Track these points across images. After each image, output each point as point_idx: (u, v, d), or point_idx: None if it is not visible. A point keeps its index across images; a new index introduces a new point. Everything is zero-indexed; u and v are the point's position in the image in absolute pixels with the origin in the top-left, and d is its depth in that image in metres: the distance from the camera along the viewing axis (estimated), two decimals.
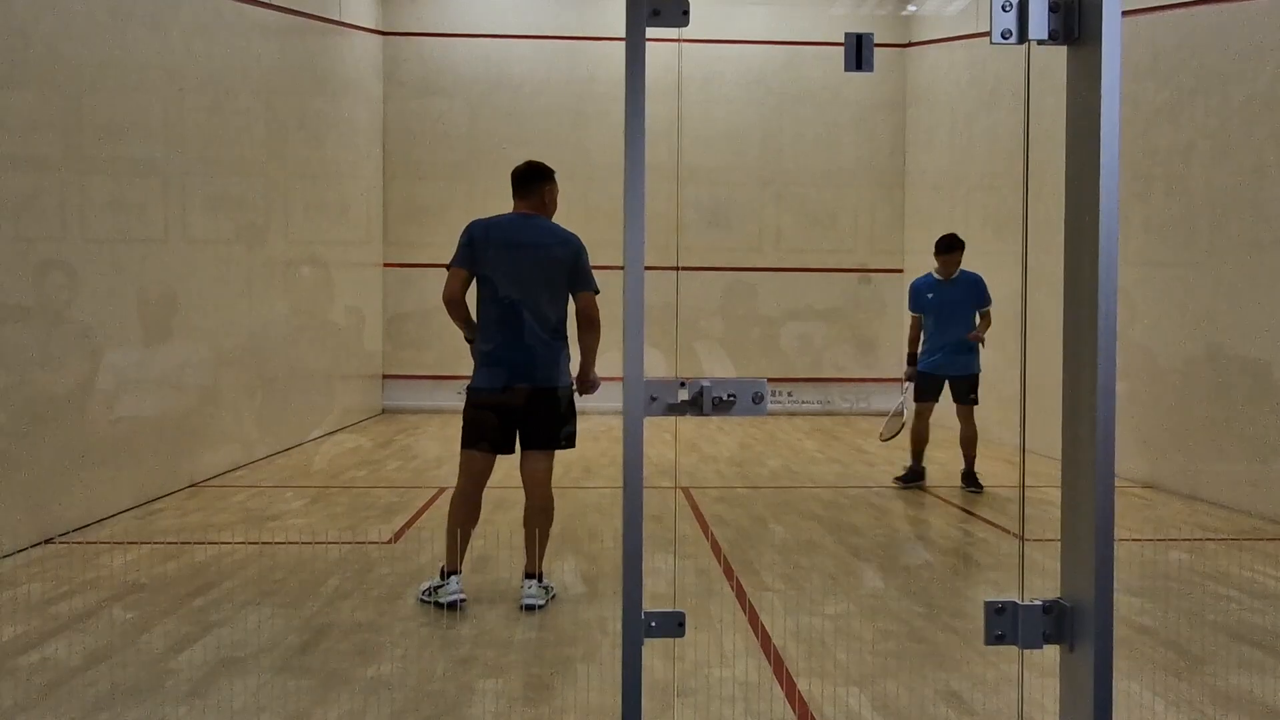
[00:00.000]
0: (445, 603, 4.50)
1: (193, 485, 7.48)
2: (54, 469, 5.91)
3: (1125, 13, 1.96)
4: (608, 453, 8.57)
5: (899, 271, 12.97)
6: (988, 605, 2.09)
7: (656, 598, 2.87)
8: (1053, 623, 2.07)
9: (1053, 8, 2.03)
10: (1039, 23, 2.04)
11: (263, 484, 7.74)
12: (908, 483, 7.76)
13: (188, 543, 5.79)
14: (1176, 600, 4.80)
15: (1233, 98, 7.25)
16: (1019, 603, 2.08)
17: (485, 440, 4.64)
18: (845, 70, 2.24)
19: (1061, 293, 2.08)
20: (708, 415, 2.10)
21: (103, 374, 6.44)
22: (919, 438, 7.73)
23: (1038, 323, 2.65)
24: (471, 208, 6.34)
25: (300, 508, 6.93)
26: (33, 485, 5.69)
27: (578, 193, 8.43)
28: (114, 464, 6.52)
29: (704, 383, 2.09)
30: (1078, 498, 2.05)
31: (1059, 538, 2.10)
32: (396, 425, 11.35)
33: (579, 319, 4.69)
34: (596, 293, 4.69)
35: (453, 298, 4.58)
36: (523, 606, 4.54)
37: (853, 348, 13.04)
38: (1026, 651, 2.11)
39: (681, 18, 2.07)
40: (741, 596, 4.83)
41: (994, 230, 9.63)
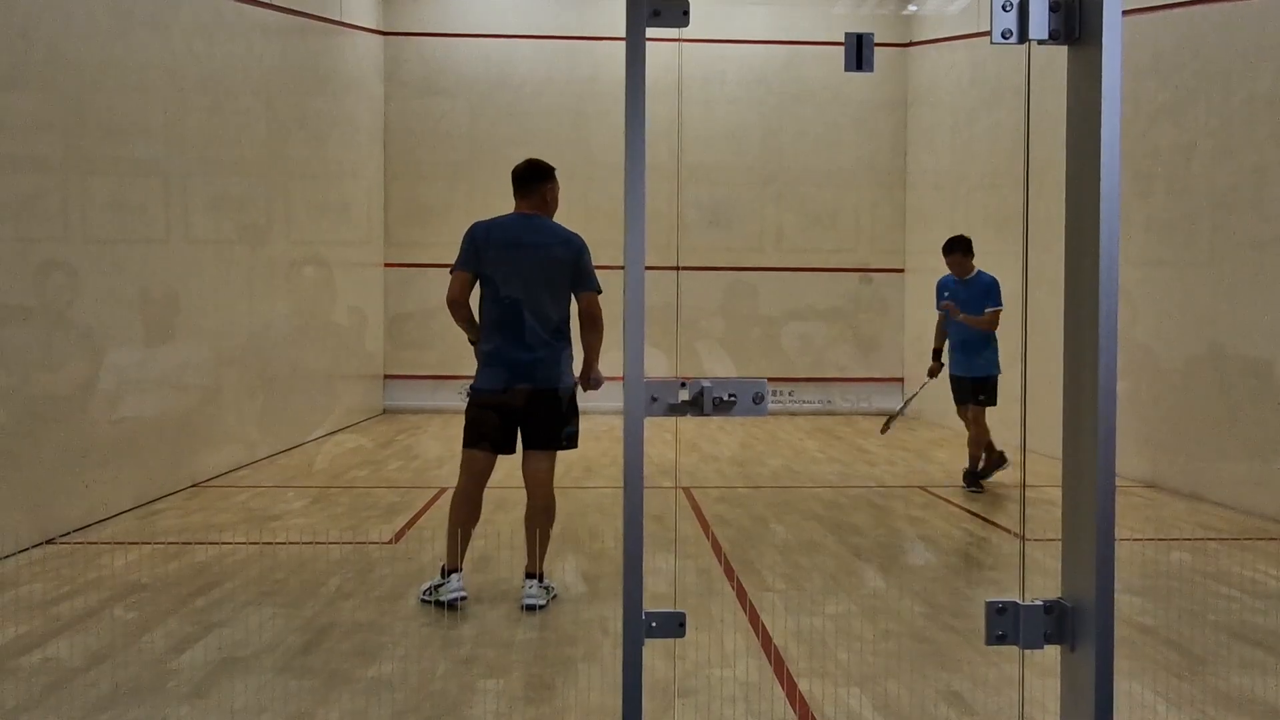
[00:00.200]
0: (446, 600, 4.51)
1: (194, 485, 7.48)
2: (55, 469, 5.91)
3: (1126, 12, 1.96)
4: (609, 452, 8.57)
5: (900, 271, 12.98)
6: (989, 605, 2.09)
7: (657, 598, 2.86)
8: (1054, 623, 2.07)
9: (1053, 7, 2.03)
10: (1039, 22, 2.03)
11: (264, 484, 7.75)
12: (982, 478, 7.62)
13: (189, 543, 5.80)
14: (1178, 600, 4.80)
15: (1234, 97, 7.25)
16: (1020, 603, 2.08)
17: (487, 440, 4.65)
18: (846, 70, 2.23)
19: (1062, 292, 2.08)
20: (708, 415, 2.09)
21: (104, 374, 6.44)
22: (974, 440, 7.59)
23: (1038, 322, 2.65)
24: (473, 208, 6.35)
25: (301, 508, 6.93)
26: (34, 485, 5.70)
27: (578, 193, 8.44)
28: (115, 464, 6.53)
29: (705, 383, 2.09)
30: (1079, 497, 2.04)
31: (1060, 537, 2.10)
32: (398, 425, 11.35)
33: (582, 319, 4.69)
34: (599, 292, 4.69)
35: (455, 301, 4.59)
36: (524, 606, 4.54)
37: (853, 347, 13.04)
38: (1027, 651, 2.11)
39: (682, 18, 2.06)
40: (742, 596, 4.83)
41: (995, 230, 9.62)
